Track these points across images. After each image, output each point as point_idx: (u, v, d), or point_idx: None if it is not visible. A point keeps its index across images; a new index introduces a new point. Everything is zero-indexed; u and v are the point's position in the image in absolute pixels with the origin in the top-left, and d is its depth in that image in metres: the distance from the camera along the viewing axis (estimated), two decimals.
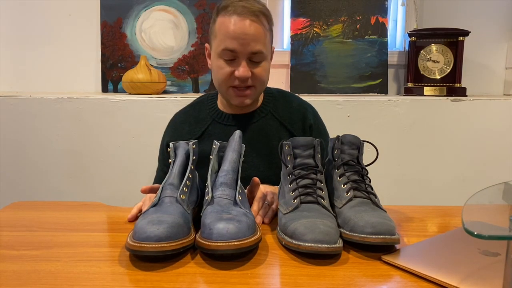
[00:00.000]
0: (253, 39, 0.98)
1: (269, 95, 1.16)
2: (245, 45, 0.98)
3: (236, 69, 1.00)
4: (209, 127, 1.11)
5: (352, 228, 0.70)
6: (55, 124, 1.68)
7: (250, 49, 0.99)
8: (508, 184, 0.63)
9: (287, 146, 0.80)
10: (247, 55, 1.00)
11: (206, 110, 1.14)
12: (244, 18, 0.98)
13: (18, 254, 0.68)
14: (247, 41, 0.98)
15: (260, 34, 0.99)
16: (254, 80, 1.03)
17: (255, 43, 0.99)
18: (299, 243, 0.66)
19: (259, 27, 0.99)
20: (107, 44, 1.89)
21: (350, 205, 0.75)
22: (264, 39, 1.01)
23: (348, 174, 0.79)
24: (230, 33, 0.98)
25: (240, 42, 0.98)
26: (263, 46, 1.00)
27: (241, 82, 1.01)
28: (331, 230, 0.66)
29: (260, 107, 1.13)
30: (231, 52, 0.99)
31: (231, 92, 1.04)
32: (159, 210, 0.70)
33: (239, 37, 0.98)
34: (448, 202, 1.34)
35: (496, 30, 1.94)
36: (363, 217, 0.69)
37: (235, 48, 0.99)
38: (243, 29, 0.98)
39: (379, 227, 0.67)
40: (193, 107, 1.18)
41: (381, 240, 0.66)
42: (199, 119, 1.13)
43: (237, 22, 0.98)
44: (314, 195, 0.75)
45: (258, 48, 0.99)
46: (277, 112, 1.13)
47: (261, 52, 1.00)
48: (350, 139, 0.82)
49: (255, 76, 1.02)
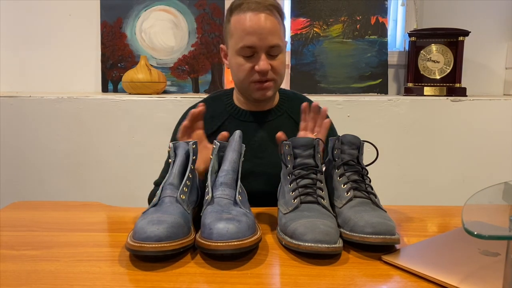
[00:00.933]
0: (270, 33, 1.00)
1: (284, 95, 1.19)
2: (263, 40, 1.00)
3: (256, 64, 1.02)
4: (225, 122, 1.12)
5: (352, 228, 0.69)
6: (55, 124, 1.68)
7: (268, 43, 1.01)
8: (508, 184, 0.63)
9: (287, 146, 0.80)
10: (265, 49, 1.01)
11: (223, 106, 1.15)
12: (259, 13, 1.00)
13: (18, 254, 0.68)
14: (265, 35, 1.00)
15: (276, 27, 1.02)
16: (274, 73, 1.05)
17: (272, 36, 1.01)
18: (299, 243, 0.66)
19: (274, 20, 1.01)
20: (107, 44, 1.89)
21: (350, 205, 0.75)
22: (280, 32, 1.03)
23: (348, 174, 0.79)
24: (247, 29, 1.00)
25: (258, 37, 1.00)
26: (279, 39, 1.03)
27: (261, 76, 1.03)
28: (331, 230, 0.66)
29: (276, 106, 1.15)
30: (250, 48, 1.01)
31: (252, 87, 1.06)
32: (159, 210, 0.70)
33: (256, 32, 1.00)
34: (448, 202, 1.34)
35: (496, 30, 1.94)
36: (363, 217, 0.69)
37: (254, 43, 1.00)
38: (259, 24, 1.00)
39: (379, 227, 0.67)
40: (208, 103, 1.18)
41: (381, 240, 0.66)
42: (215, 114, 1.14)
43: (252, 18, 1.00)
44: (314, 195, 0.75)
45: (275, 41, 1.01)
46: (292, 112, 1.15)
47: (278, 45, 1.02)
48: (350, 139, 0.82)
49: (274, 69, 1.04)
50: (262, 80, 1.04)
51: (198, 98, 1.66)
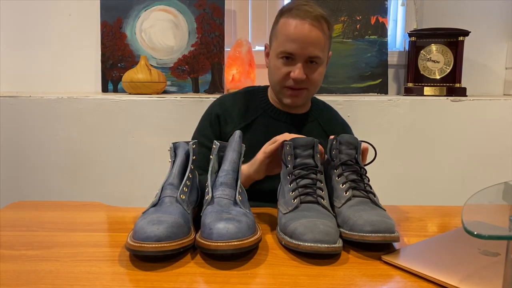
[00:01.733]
0: (311, 44, 1.01)
1: (317, 105, 1.20)
2: (303, 49, 1.01)
3: (292, 70, 1.03)
4: (259, 117, 1.13)
5: (351, 227, 0.70)
6: (55, 124, 1.68)
7: (308, 53, 1.01)
8: (508, 184, 0.63)
9: (288, 146, 0.80)
10: (304, 59, 1.02)
11: (258, 101, 1.16)
12: (306, 22, 1.00)
13: (18, 254, 0.68)
14: (306, 45, 1.00)
15: (319, 39, 1.01)
16: (308, 83, 1.05)
17: (313, 47, 1.01)
18: (298, 243, 0.66)
19: (319, 32, 1.01)
20: (107, 44, 1.89)
21: (349, 205, 0.75)
22: (323, 44, 1.03)
23: (347, 173, 0.79)
24: (290, 35, 1.01)
25: (299, 46, 1.00)
26: (320, 51, 1.03)
27: (295, 83, 1.04)
28: (331, 230, 0.66)
29: (308, 112, 1.17)
30: (289, 54, 1.02)
31: (284, 92, 1.07)
32: (159, 210, 0.70)
33: (299, 40, 1.00)
34: (448, 202, 1.34)
35: (496, 30, 1.94)
36: (362, 216, 0.69)
37: (294, 51, 1.01)
38: (303, 33, 1.00)
39: (378, 225, 0.67)
40: (244, 95, 1.19)
41: (381, 238, 0.66)
42: (249, 107, 1.14)
43: (298, 25, 1.00)
44: (314, 195, 0.75)
45: (316, 53, 1.02)
46: (323, 121, 1.17)
47: (318, 57, 1.03)
48: (347, 139, 0.82)
49: (309, 79, 1.04)
50: (295, 87, 1.05)
51: (198, 98, 1.66)
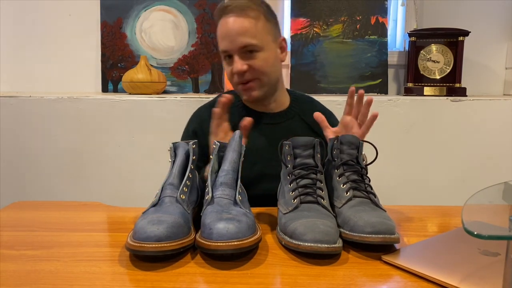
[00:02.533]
0: (238, 34, 1.01)
1: (295, 98, 1.19)
2: (232, 42, 1.01)
3: (233, 66, 1.04)
4: (237, 123, 1.12)
5: (352, 228, 0.69)
6: (55, 124, 1.68)
7: (238, 44, 1.01)
8: (508, 184, 0.63)
9: (287, 146, 0.80)
10: (237, 51, 1.02)
11: (234, 107, 1.14)
12: (228, 16, 1.01)
13: (18, 254, 0.68)
14: (233, 37, 1.01)
15: (245, 27, 1.01)
16: (254, 73, 1.04)
17: (241, 37, 1.01)
18: (299, 243, 0.66)
19: (244, 20, 1.01)
20: (107, 44, 1.89)
21: (350, 205, 0.75)
22: (253, 30, 1.01)
23: (348, 174, 0.79)
24: (221, 35, 1.04)
25: (228, 41, 1.02)
26: (251, 38, 1.01)
27: (240, 77, 1.04)
28: (331, 230, 0.66)
29: (288, 108, 1.16)
30: (225, 52, 1.04)
31: (239, 89, 1.08)
32: (159, 210, 0.70)
33: (226, 35, 1.02)
34: (448, 202, 1.34)
35: (496, 30, 1.94)
36: (362, 216, 0.69)
37: (226, 48, 1.03)
38: (227, 28, 1.01)
39: (378, 226, 0.67)
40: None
41: (381, 239, 0.66)
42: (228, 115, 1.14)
43: (223, 23, 1.02)
44: (314, 195, 0.75)
45: (246, 41, 1.01)
46: (304, 115, 1.15)
47: (252, 44, 1.01)
48: (349, 139, 0.82)
49: (253, 68, 1.03)
50: (243, 82, 1.05)
51: (198, 98, 1.66)
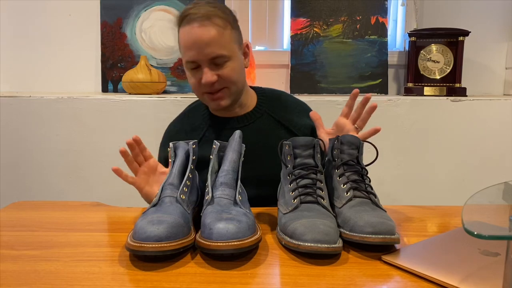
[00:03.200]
0: (206, 45, 0.96)
1: (263, 96, 1.15)
2: (200, 53, 0.97)
3: (202, 76, 1.00)
4: (205, 133, 1.11)
5: (352, 228, 0.69)
6: (55, 124, 1.68)
7: (207, 56, 0.97)
8: (508, 184, 0.63)
9: (287, 146, 0.80)
10: (206, 62, 0.98)
11: (200, 117, 1.14)
12: (193, 25, 0.96)
13: (18, 254, 0.68)
14: (202, 48, 0.96)
15: (213, 37, 0.96)
16: (223, 82, 1.01)
17: (210, 48, 0.97)
18: (299, 243, 0.66)
19: (211, 30, 0.96)
20: (107, 44, 1.89)
21: (350, 205, 0.75)
22: (221, 40, 0.98)
23: (348, 174, 0.79)
24: (186, 44, 0.98)
25: (196, 51, 0.97)
26: (220, 48, 0.98)
27: (209, 87, 1.01)
28: (331, 230, 0.66)
29: (255, 108, 1.13)
30: (192, 63, 1.00)
31: (206, 98, 1.05)
32: (159, 210, 0.70)
33: (193, 46, 0.97)
34: (448, 202, 1.34)
35: (496, 30, 1.94)
36: (362, 217, 0.69)
37: (193, 58, 0.98)
38: (193, 38, 0.96)
39: (379, 226, 0.67)
40: (187, 116, 1.18)
41: (381, 239, 0.66)
42: (194, 127, 1.13)
43: (188, 32, 0.97)
44: (314, 195, 0.75)
45: (215, 52, 0.97)
46: (273, 111, 1.13)
47: (221, 55, 0.98)
48: (349, 139, 0.82)
49: (222, 78, 1.00)
50: (212, 91, 1.02)
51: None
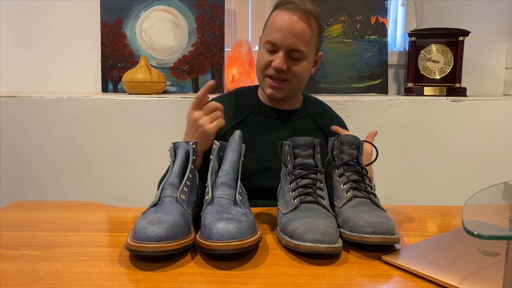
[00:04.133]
0: (294, 35, 1.01)
1: (308, 100, 1.20)
2: (286, 39, 1.01)
3: (274, 59, 1.03)
4: (250, 115, 1.13)
5: (352, 228, 0.70)
6: (55, 124, 1.68)
7: (290, 44, 1.01)
8: (508, 184, 0.63)
9: (287, 146, 0.80)
10: (286, 49, 1.02)
11: (247, 99, 1.16)
12: (293, 14, 1.01)
13: (18, 254, 0.68)
14: (289, 36, 1.01)
15: (303, 32, 1.02)
16: (290, 75, 1.05)
17: (296, 39, 1.01)
18: (299, 243, 0.66)
19: (305, 26, 1.01)
20: (107, 44, 1.89)
21: (350, 205, 0.75)
22: (308, 39, 1.03)
23: (348, 174, 0.79)
24: (276, 26, 1.02)
25: (282, 36, 1.01)
26: (304, 45, 1.03)
27: (275, 72, 1.04)
28: (331, 230, 0.66)
29: (301, 108, 1.17)
30: (272, 44, 1.03)
31: (266, 81, 1.08)
32: (159, 210, 0.70)
33: (283, 30, 1.01)
34: (448, 202, 1.34)
35: (496, 30, 1.94)
36: (362, 217, 0.69)
37: (276, 41, 1.02)
38: (287, 24, 1.01)
39: (378, 226, 0.67)
40: (233, 95, 1.19)
41: (381, 239, 0.66)
42: (239, 107, 1.14)
43: (285, 17, 1.01)
44: (314, 195, 0.75)
45: (298, 45, 1.02)
46: (316, 116, 1.17)
47: (301, 51, 1.03)
48: (349, 139, 0.82)
49: (291, 71, 1.04)
50: (274, 77, 1.05)
51: None
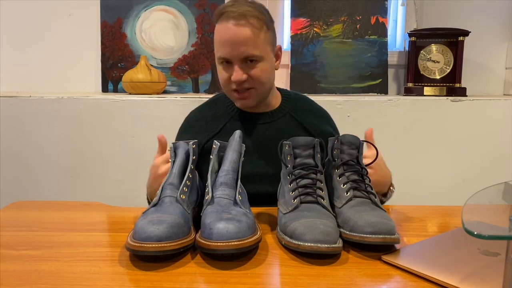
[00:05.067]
0: (240, 44, 0.97)
1: (287, 97, 1.17)
2: (234, 51, 0.98)
3: (232, 73, 1.01)
4: (227, 124, 1.11)
5: (352, 228, 0.70)
6: (55, 124, 1.68)
7: (240, 54, 0.98)
8: (508, 184, 0.63)
9: (287, 146, 0.80)
10: (239, 60, 0.99)
11: (223, 108, 1.14)
12: (230, 23, 0.97)
13: (18, 254, 0.68)
14: (235, 46, 0.98)
15: (247, 37, 0.98)
16: (252, 82, 1.02)
17: (244, 47, 0.98)
18: (299, 243, 0.66)
19: (247, 29, 0.97)
20: (107, 44, 1.89)
21: (350, 205, 0.75)
22: (255, 40, 0.99)
23: (348, 174, 0.79)
24: (221, 40, 1.00)
25: (230, 48, 0.98)
26: (254, 48, 0.99)
27: (237, 85, 1.02)
28: (331, 230, 0.66)
29: (279, 107, 1.14)
30: (224, 59, 1.01)
31: (233, 95, 1.06)
32: (159, 210, 0.70)
33: (228, 43, 0.98)
34: (448, 202, 1.34)
35: (496, 30, 1.94)
36: (362, 216, 0.69)
37: (226, 55, 0.99)
38: (230, 35, 0.97)
39: (378, 226, 0.67)
40: (209, 105, 1.18)
41: (381, 239, 0.66)
42: (216, 116, 1.13)
43: (224, 29, 0.98)
44: (314, 195, 0.75)
45: (248, 52, 0.98)
46: (296, 113, 1.14)
47: (253, 55, 0.99)
48: (349, 139, 0.82)
49: (252, 77, 1.01)
50: (239, 90, 1.03)
51: (198, 98, 1.66)
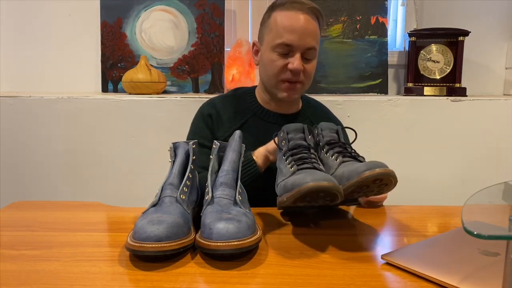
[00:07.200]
0: (309, 35, 1.02)
1: (307, 102, 1.20)
2: (302, 40, 1.01)
3: (290, 62, 1.02)
4: (249, 120, 1.12)
5: (348, 177, 0.71)
6: (55, 124, 1.68)
7: (307, 44, 1.02)
8: (508, 184, 0.63)
9: (282, 132, 0.85)
10: (302, 50, 1.02)
11: (246, 103, 1.14)
12: (302, 13, 1.01)
13: (18, 254, 0.68)
14: (304, 35, 1.01)
15: (315, 30, 1.03)
16: (304, 76, 1.05)
17: (311, 38, 1.02)
18: (300, 187, 0.66)
19: (315, 24, 1.03)
20: (107, 44, 1.89)
21: (341, 166, 0.77)
22: (318, 36, 1.05)
23: (334, 148, 0.83)
24: (288, 27, 1.01)
25: (298, 36, 1.01)
26: (316, 43, 1.04)
27: (293, 75, 1.03)
28: (330, 177, 0.69)
29: (300, 111, 1.16)
30: (287, 46, 1.02)
31: (281, 86, 1.06)
32: (159, 210, 0.70)
33: (297, 31, 1.01)
34: (448, 202, 1.34)
35: (496, 30, 1.94)
36: (355, 164, 0.73)
37: (292, 42, 1.01)
38: (301, 24, 1.01)
39: (372, 164, 0.69)
40: (231, 98, 1.17)
41: (378, 172, 0.67)
42: (238, 110, 1.13)
43: (295, 17, 1.01)
44: (309, 163, 0.77)
45: (313, 44, 1.03)
46: (315, 119, 1.15)
47: (315, 49, 1.04)
48: (328, 126, 0.88)
49: (305, 71, 1.05)
50: (292, 80, 1.04)
51: (198, 98, 1.66)
